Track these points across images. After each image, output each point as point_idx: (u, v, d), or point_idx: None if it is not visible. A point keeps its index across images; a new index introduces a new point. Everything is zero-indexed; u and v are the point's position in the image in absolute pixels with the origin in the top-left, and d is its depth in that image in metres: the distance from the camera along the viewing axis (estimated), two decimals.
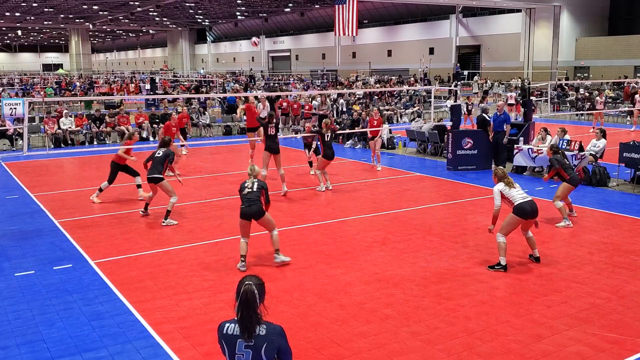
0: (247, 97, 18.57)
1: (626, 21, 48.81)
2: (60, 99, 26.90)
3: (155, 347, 5.77)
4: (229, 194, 12.62)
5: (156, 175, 10.17)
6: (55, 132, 20.64)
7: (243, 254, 7.89)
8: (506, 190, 7.99)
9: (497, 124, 15.11)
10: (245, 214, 7.75)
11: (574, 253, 8.46)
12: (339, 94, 27.63)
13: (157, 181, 10.18)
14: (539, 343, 5.76)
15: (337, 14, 22.66)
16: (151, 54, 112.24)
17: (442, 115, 24.99)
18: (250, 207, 7.71)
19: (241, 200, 7.83)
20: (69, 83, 48.86)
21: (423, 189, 13.05)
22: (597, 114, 23.61)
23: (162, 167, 10.24)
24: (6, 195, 12.68)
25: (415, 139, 18.60)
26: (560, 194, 9.88)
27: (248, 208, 7.72)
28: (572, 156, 13.21)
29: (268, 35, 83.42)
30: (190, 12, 71.96)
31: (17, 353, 5.68)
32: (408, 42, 62.39)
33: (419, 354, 5.58)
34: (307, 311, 6.55)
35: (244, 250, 7.90)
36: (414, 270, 7.82)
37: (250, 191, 7.76)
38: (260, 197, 7.77)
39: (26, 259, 8.42)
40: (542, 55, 49.11)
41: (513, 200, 7.91)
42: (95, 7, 61.79)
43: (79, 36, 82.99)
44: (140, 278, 7.59)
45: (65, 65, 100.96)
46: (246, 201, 7.75)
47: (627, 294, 6.96)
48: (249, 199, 7.74)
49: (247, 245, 7.91)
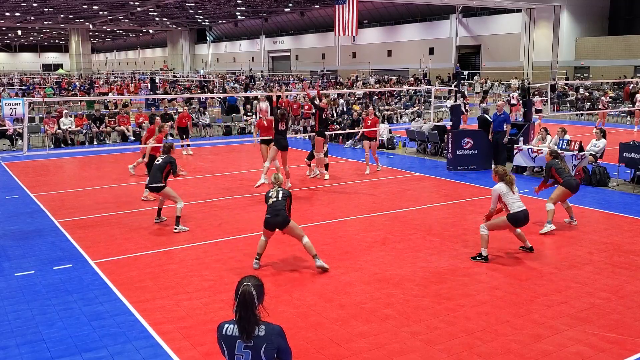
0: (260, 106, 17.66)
1: (626, 21, 48.81)
2: (60, 99, 26.90)
3: (155, 347, 5.77)
4: (229, 194, 12.62)
5: (156, 185, 9.75)
6: (55, 132, 20.64)
7: (260, 252, 7.89)
8: (504, 193, 8.01)
9: (497, 123, 15.10)
10: (269, 223, 7.64)
11: (574, 253, 8.46)
12: (339, 94, 27.62)
13: (158, 190, 9.83)
14: (539, 343, 5.76)
15: (337, 14, 22.65)
16: (151, 54, 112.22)
17: (442, 115, 24.98)
18: (276, 216, 7.58)
19: (267, 210, 7.70)
20: (69, 83, 48.85)
21: (423, 189, 13.05)
22: (602, 114, 23.60)
23: (161, 174, 9.72)
24: (6, 195, 12.68)
25: (415, 139, 18.61)
26: (555, 197, 9.67)
27: (273, 218, 7.60)
28: (572, 156, 13.23)
29: (268, 35, 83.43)
30: (190, 12, 71.95)
31: (17, 353, 5.68)
32: (408, 42, 62.37)
33: (419, 354, 5.58)
34: (307, 311, 6.55)
35: (261, 249, 7.88)
36: (414, 270, 7.82)
37: (276, 200, 7.63)
38: (285, 206, 7.64)
39: (26, 259, 8.42)
40: (542, 55, 49.10)
41: (509, 207, 7.96)
42: (95, 7, 61.78)
43: (79, 36, 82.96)
44: (140, 278, 7.59)
45: (65, 65, 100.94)
46: (272, 210, 7.62)
47: (627, 294, 6.96)
48: (274, 208, 7.61)
49: (266, 245, 7.89)
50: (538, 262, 8.09)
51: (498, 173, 8.23)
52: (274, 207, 7.62)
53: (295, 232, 7.75)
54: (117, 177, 14.72)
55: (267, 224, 7.68)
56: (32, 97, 29.81)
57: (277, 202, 7.62)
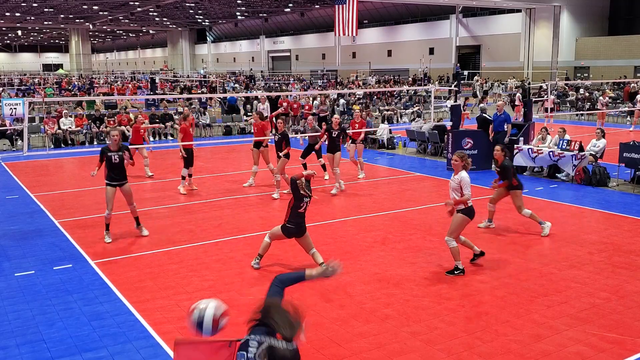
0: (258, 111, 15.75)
1: (626, 21, 48.81)
2: (60, 99, 26.91)
3: (155, 347, 5.77)
4: (229, 194, 12.62)
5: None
6: (55, 132, 20.64)
7: (262, 253, 7.87)
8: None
9: (498, 123, 15.11)
10: (291, 233, 7.57)
11: (574, 253, 8.46)
12: (339, 94, 27.64)
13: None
14: (539, 343, 5.76)
15: (337, 14, 22.66)
16: (151, 54, 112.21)
17: (442, 115, 24.97)
18: (300, 227, 7.54)
19: (291, 216, 7.54)
20: (69, 83, 48.85)
21: (423, 189, 13.05)
22: (601, 114, 23.59)
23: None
24: (6, 195, 12.68)
25: (415, 139, 18.61)
26: (522, 203, 9.28)
27: (297, 228, 7.54)
28: (572, 156, 13.23)
29: (268, 35, 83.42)
30: (190, 12, 71.95)
31: (17, 353, 5.68)
32: (408, 42, 62.37)
33: (419, 354, 5.58)
34: (307, 311, 6.54)
35: (264, 250, 7.86)
36: (414, 270, 7.82)
37: (304, 211, 7.57)
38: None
39: (26, 259, 8.42)
40: (542, 55, 49.11)
41: (468, 199, 7.58)
42: (95, 7, 61.78)
43: (79, 36, 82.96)
44: (140, 278, 7.59)
45: (65, 65, 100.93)
46: (299, 220, 7.55)
47: (627, 294, 6.96)
48: (301, 217, 7.55)
49: (269, 247, 7.87)
50: (538, 262, 8.09)
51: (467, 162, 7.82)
52: (301, 216, 7.55)
53: (307, 245, 7.71)
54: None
55: (288, 233, 7.59)
56: (32, 97, 29.80)
57: (304, 213, 7.58)
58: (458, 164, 7.80)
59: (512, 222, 10.04)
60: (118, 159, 9.02)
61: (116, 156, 9.01)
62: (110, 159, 9.01)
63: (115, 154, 9.01)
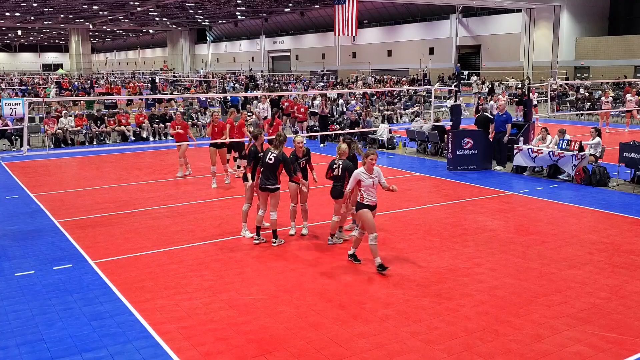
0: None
1: (626, 21, 48.80)
2: (60, 99, 26.90)
3: (155, 347, 5.77)
4: (229, 194, 12.62)
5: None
6: (55, 132, 20.64)
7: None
8: (364, 179, 7.84)
9: (499, 123, 15.10)
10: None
11: (574, 253, 8.46)
12: (339, 94, 27.62)
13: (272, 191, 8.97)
14: (539, 343, 5.76)
15: (337, 14, 22.64)
16: (151, 54, 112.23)
17: (442, 115, 24.97)
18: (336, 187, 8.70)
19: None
20: (69, 82, 48.83)
21: (423, 189, 13.05)
22: (604, 113, 23.57)
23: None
24: (6, 195, 12.68)
25: (415, 139, 18.61)
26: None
27: (335, 189, 8.76)
28: (572, 156, 13.23)
29: (268, 35, 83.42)
30: (190, 12, 71.95)
31: (17, 353, 5.68)
32: (408, 42, 62.37)
33: (419, 354, 5.58)
34: (307, 311, 6.55)
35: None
36: (413, 270, 7.82)
37: (337, 175, 8.68)
38: (344, 179, 8.45)
39: (26, 259, 8.42)
40: (542, 55, 49.10)
41: (365, 197, 7.85)
42: (95, 7, 61.76)
43: (79, 36, 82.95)
44: (140, 278, 7.59)
45: (65, 65, 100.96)
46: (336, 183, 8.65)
47: (627, 294, 6.96)
48: (339, 180, 8.64)
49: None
50: (538, 262, 8.09)
51: (368, 156, 7.81)
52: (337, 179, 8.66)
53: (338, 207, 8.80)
54: (117, 177, 14.73)
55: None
56: (32, 97, 29.80)
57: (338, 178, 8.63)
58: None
59: (512, 222, 10.04)
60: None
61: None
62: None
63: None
